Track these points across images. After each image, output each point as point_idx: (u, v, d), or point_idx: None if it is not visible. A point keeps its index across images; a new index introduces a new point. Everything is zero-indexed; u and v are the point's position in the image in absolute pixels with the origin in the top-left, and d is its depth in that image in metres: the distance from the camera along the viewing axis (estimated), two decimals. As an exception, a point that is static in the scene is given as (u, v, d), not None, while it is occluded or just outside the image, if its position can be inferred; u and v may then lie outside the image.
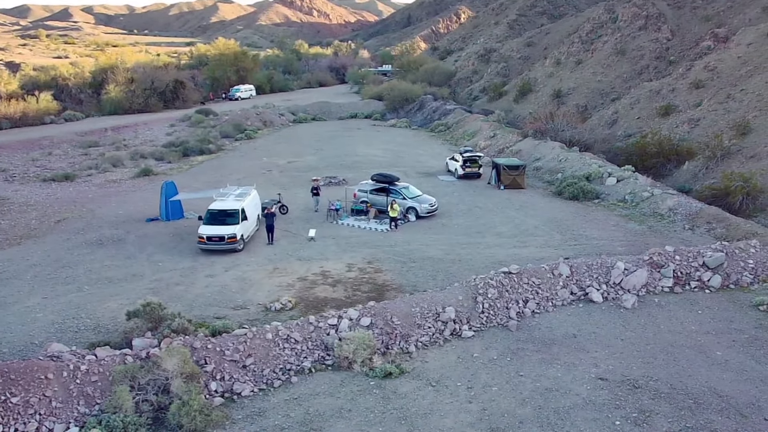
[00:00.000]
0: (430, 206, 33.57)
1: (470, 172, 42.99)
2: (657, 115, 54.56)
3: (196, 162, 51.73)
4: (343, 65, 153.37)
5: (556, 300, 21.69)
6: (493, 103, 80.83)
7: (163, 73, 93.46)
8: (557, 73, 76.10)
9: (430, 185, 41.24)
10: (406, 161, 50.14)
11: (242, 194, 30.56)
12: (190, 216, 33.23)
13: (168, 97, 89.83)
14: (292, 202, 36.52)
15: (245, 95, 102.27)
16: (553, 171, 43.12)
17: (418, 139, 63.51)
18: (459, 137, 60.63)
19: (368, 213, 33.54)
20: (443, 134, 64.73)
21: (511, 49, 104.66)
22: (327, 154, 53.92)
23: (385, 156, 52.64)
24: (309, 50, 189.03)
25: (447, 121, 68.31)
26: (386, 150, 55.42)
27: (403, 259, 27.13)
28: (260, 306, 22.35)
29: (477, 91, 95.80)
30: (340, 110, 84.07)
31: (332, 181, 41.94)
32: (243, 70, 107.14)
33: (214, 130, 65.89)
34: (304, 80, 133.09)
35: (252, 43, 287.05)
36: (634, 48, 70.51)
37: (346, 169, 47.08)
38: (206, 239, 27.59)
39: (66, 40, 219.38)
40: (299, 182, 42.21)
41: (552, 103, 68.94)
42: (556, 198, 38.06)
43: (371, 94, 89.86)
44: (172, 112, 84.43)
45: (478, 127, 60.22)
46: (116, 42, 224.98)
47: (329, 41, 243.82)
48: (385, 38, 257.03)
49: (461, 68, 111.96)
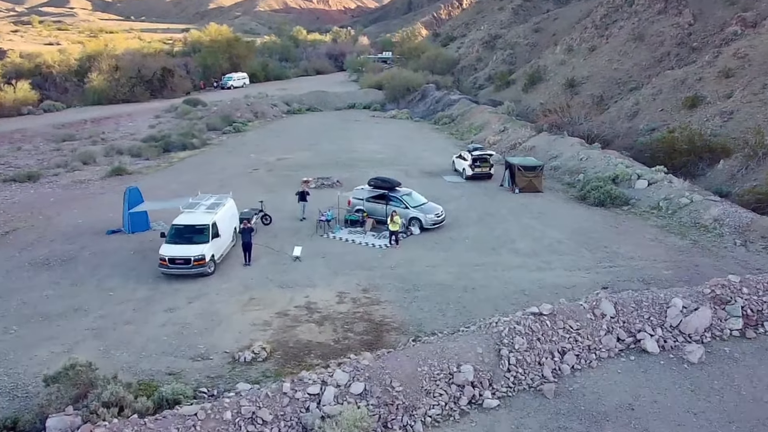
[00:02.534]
0: (437, 216, 28.86)
1: (480, 173, 38.27)
2: (683, 107, 49.70)
3: (176, 159, 46.98)
4: (341, 52, 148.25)
5: (600, 350, 17.11)
6: (500, 93, 75.86)
7: (150, 60, 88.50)
8: (569, 60, 71.08)
9: (435, 187, 36.58)
10: (407, 158, 45.43)
11: (215, 205, 25.75)
12: (157, 227, 28.55)
13: (155, 86, 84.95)
14: (279, 209, 31.87)
15: (238, 84, 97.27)
16: (573, 171, 38.39)
17: (421, 132, 58.72)
18: (465, 130, 55.82)
19: (365, 224, 28.88)
20: (448, 127, 59.90)
21: (517, 35, 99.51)
22: (321, 149, 49.17)
23: (385, 152, 47.92)
24: (307, 37, 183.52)
25: (451, 112, 63.49)
26: (386, 145, 50.69)
27: (405, 286, 22.53)
28: (227, 355, 17.80)
29: (482, 80, 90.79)
30: (337, 100, 79.20)
31: (325, 183, 37.23)
32: (236, 57, 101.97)
33: (201, 123, 61.15)
34: (301, 68, 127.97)
35: (250, 29, 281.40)
36: (653, 33, 65.45)
37: (341, 167, 42.40)
38: (168, 261, 22.94)
39: (59, 26, 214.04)
40: (289, 183, 37.54)
41: (564, 93, 64.04)
42: (579, 204, 33.38)
43: (370, 83, 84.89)
44: (159, 102, 79.63)
45: (485, 119, 55.39)
46: (111, 28, 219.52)
47: (328, 28, 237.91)
48: (385, 25, 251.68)
49: (465, 56, 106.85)
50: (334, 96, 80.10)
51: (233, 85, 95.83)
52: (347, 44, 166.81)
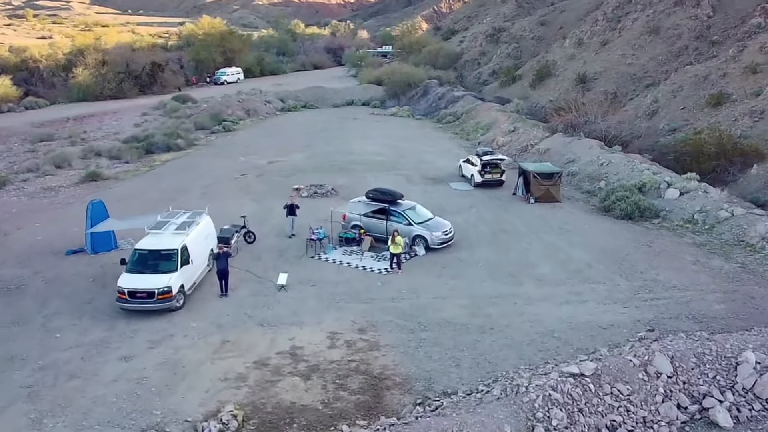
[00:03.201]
0: (444, 234, 25.16)
1: (491, 180, 34.54)
2: (706, 105, 46.02)
3: (158, 162, 43.27)
4: (340, 46, 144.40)
5: (659, 423, 13.54)
6: (506, 89, 72.09)
7: (139, 54, 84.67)
8: (579, 54, 67.28)
9: (441, 196, 32.93)
10: (409, 161, 41.74)
11: (187, 224, 21.94)
12: (126, 246, 24.94)
13: (144, 81, 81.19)
14: (265, 224, 28.24)
15: (232, 79, 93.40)
16: (593, 178, 34.68)
17: (423, 131, 54.99)
18: (470, 130, 52.05)
19: (362, 243, 25.24)
20: (452, 126, 56.14)
21: (522, 28, 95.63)
22: (316, 151, 45.47)
23: (385, 154, 44.22)
24: (305, 31, 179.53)
25: (455, 110, 59.72)
26: (386, 146, 46.97)
27: (409, 324, 18.93)
28: (188, 425, 14.22)
29: (486, 75, 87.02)
30: (335, 96, 75.41)
31: (318, 192, 33.51)
32: (230, 51, 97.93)
33: (189, 121, 57.43)
34: (298, 63, 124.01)
35: (248, 23, 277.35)
36: (669, 26, 61.66)
37: (337, 172, 38.73)
38: (128, 295, 19.28)
39: (54, 20, 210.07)
40: (279, 191, 33.89)
41: (575, 89, 60.27)
42: (603, 216, 29.72)
43: (370, 78, 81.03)
44: (148, 99, 75.86)
45: (493, 118, 51.61)
46: (106, 22, 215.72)
47: (327, 21, 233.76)
48: (385, 18, 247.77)
49: (467, 50, 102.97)
50: (331, 92, 76.33)
51: (227, 81, 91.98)
52: (346, 38, 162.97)
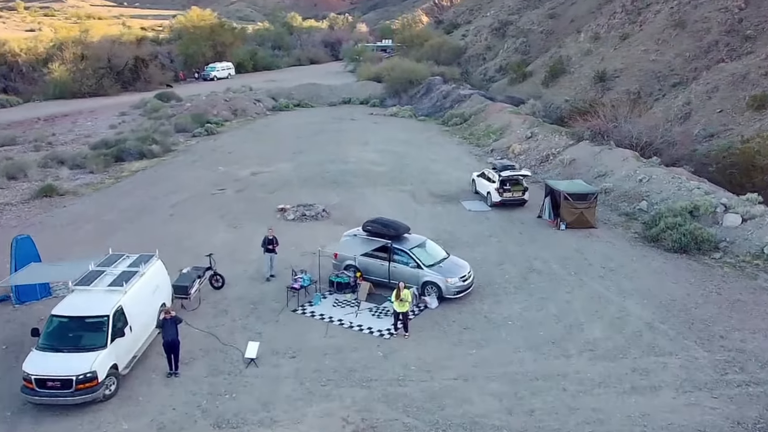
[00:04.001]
0: (463, 281, 19.76)
1: (511, 199, 29.30)
2: (748, 107, 40.87)
3: (127, 173, 37.90)
4: (338, 40, 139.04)
5: None
6: (516, 87, 66.72)
7: (122, 49, 79.20)
8: (596, 50, 61.93)
9: (453, 220, 27.70)
10: (413, 173, 36.45)
11: (127, 275, 16.63)
12: (61, 292, 19.68)
13: (127, 77, 75.80)
14: (240, 260, 22.96)
15: (222, 74, 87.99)
16: (632, 197, 29.38)
17: (428, 134, 49.61)
18: (481, 134, 46.70)
19: (357, 289, 19.97)
20: (459, 129, 50.71)
21: (530, 21, 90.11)
22: (307, 159, 40.15)
23: (385, 163, 38.92)
24: (302, 24, 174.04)
25: (462, 110, 54.33)
26: (386, 153, 41.68)
27: (423, 426, 13.71)
28: None
29: (492, 71, 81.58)
30: (331, 94, 70.04)
31: (307, 214, 28.19)
32: (221, 45, 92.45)
33: (169, 123, 52.08)
34: (294, 57, 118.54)
35: (245, 16, 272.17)
36: (697, 19, 56.29)
37: (330, 186, 33.46)
38: (36, 384, 14.02)
39: (46, 12, 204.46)
40: (261, 212, 28.67)
41: (594, 88, 55.02)
42: (650, 248, 24.46)
43: (368, 74, 75.54)
44: (130, 96, 70.57)
45: (505, 121, 46.21)
46: (99, 14, 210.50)
47: (325, 14, 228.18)
48: (384, 12, 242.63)
49: (472, 44, 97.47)
50: (327, 89, 70.91)
51: (216, 76, 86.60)
52: (344, 31, 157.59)
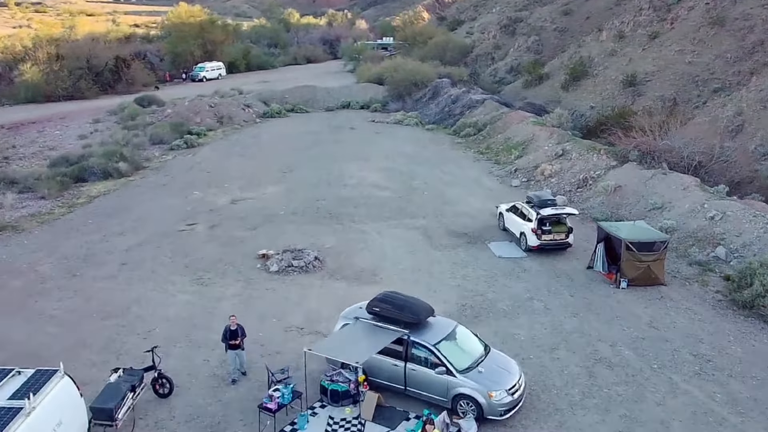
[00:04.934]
0: (511, 393, 13.76)
1: (552, 243, 23.37)
2: (814, 119, 35.07)
3: (83, 199, 31.78)
4: (337, 37, 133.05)
5: None
6: (532, 90, 60.73)
7: (102, 48, 73.14)
8: (622, 50, 55.84)
9: (481, 274, 21.69)
10: (425, 200, 30.43)
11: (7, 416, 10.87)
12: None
13: (107, 79, 69.76)
14: (199, 344, 16.96)
15: (212, 75, 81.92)
16: (703, 239, 23.35)
17: (438, 147, 43.57)
18: (500, 149, 40.61)
19: (360, 400, 14.06)
20: (474, 141, 44.60)
21: (542, 18, 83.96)
22: (299, 180, 34.15)
23: (390, 185, 32.92)
24: (300, 20, 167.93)
25: (476, 119, 48.23)
26: (392, 172, 35.69)
27: None
28: None
29: (503, 71, 75.48)
30: (328, 97, 64.02)
31: (294, 263, 22.07)
32: (210, 43, 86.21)
33: (144, 133, 46.05)
34: (290, 55, 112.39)
35: (241, 12, 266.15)
36: (738, 16, 50.23)
37: (324, 220, 27.47)
38: None
39: (37, 8, 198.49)
40: (236, 261, 22.72)
41: (623, 93, 49.04)
42: (744, 317, 18.49)
43: (369, 76, 69.48)
44: (110, 99, 64.58)
45: (528, 133, 40.11)
46: (92, 10, 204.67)
47: (324, 11, 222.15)
48: (384, 8, 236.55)
49: (479, 42, 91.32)
50: (324, 92, 64.88)
51: (206, 77, 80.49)
52: (343, 28, 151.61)
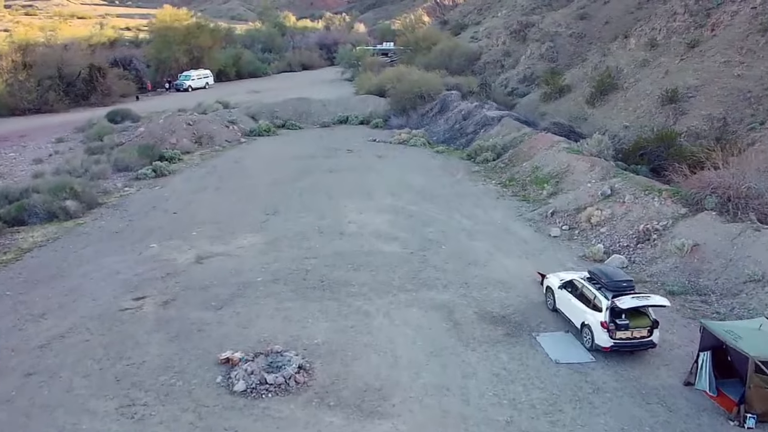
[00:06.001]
0: None
1: (631, 344, 16.87)
2: None
3: (12, 253, 25.08)
4: (335, 41, 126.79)
5: None
6: (551, 104, 54.28)
7: (79, 54, 66.67)
8: (656, 60, 49.36)
9: (537, 395, 15.04)
10: (445, 259, 23.76)
11: None
12: None
13: (80, 90, 63.27)
14: None
15: (198, 84, 75.50)
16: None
17: (453, 178, 36.78)
18: (527, 180, 33.92)
19: None
20: (494, 169, 37.77)
21: (556, 23, 77.56)
22: (284, 227, 27.51)
23: (401, 236, 26.25)
24: (296, 24, 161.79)
25: (494, 141, 41.61)
26: (399, 213, 29.11)
27: None
28: None
29: (515, 81, 69.08)
30: (323, 111, 57.59)
31: (268, 380, 15.41)
32: (197, 49, 79.63)
33: (107, 159, 39.47)
34: (284, 61, 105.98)
35: (237, 15, 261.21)
36: (792, 22, 43.99)
37: (314, 294, 20.83)
38: None
39: (28, 11, 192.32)
40: (188, 368, 16.16)
41: (661, 110, 42.60)
42: None
43: (369, 86, 63.05)
44: (83, 112, 58.27)
45: (561, 163, 33.40)
46: (84, 13, 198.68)
47: (321, 14, 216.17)
48: (384, 11, 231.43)
49: (487, 48, 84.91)
50: (319, 105, 58.41)
51: (191, 86, 74.07)
52: (341, 32, 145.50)
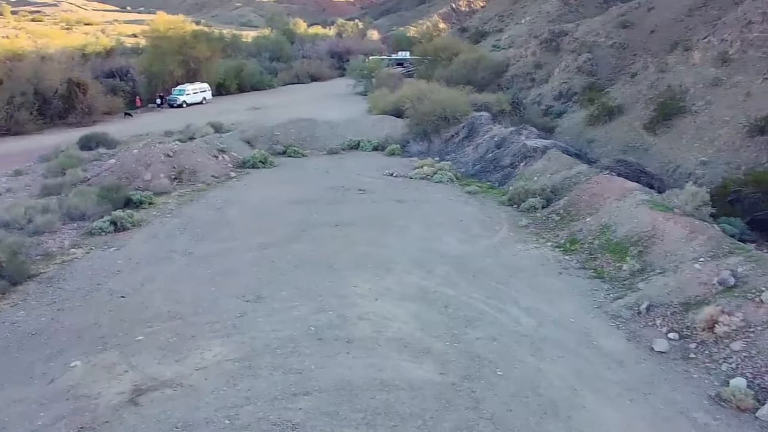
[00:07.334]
0: None
1: None
2: None
3: None
4: (347, 49, 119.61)
5: None
6: (600, 129, 46.08)
7: (53, 69, 59.34)
8: (730, 79, 40.98)
9: None
10: (504, 398, 15.56)
11: None
12: None
13: (56, 108, 55.92)
14: None
15: (194, 99, 68.03)
16: None
17: (495, 236, 28.41)
18: (595, 245, 25.67)
19: None
20: (546, 223, 29.36)
21: (593, 32, 69.32)
22: (266, 325, 19.31)
23: (432, 346, 17.92)
24: (307, 31, 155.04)
25: (541, 181, 33.46)
26: (430, 304, 20.78)
27: None
28: None
29: (549, 98, 60.91)
30: (331, 134, 49.85)
31: None
32: (194, 60, 72.18)
33: (60, 204, 31.71)
34: (291, 73, 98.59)
35: (246, 21, 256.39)
36: None
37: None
38: None
39: (35, 17, 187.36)
40: None
41: (749, 142, 34.37)
42: None
43: (385, 105, 55.23)
44: (57, 134, 50.90)
45: (644, 225, 24.94)
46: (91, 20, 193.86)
47: (333, 20, 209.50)
48: (398, 17, 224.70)
49: (515, 59, 76.79)
50: (327, 127, 50.65)
51: (186, 102, 66.60)
52: (353, 40, 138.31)
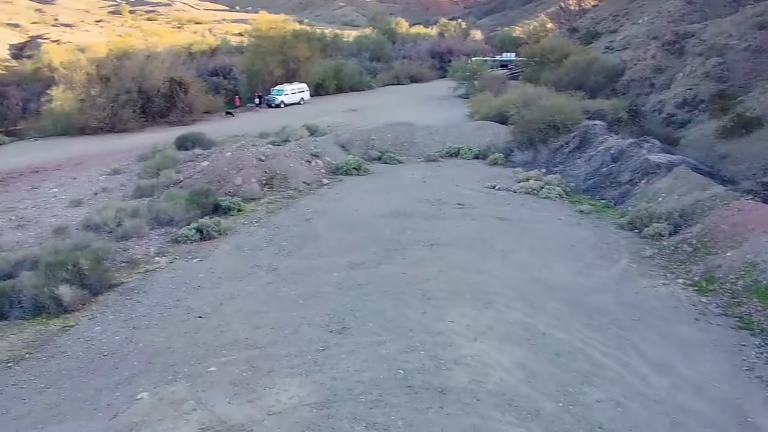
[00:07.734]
0: None
1: None
2: None
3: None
4: (448, 49, 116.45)
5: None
6: (734, 143, 40.66)
7: (159, 67, 60.22)
8: None
9: None
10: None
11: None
12: None
13: (159, 106, 56.62)
14: None
15: (292, 99, 67.43)
16: None
17: (614, 268, 24.45)
18: (739, 287, 21.14)
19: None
20: (675, 256, 25.03)
21: (724, 33, 62.55)
22: (349, 364, 16.66)
23: (545, 405, 14.62)
24: (409, 30, 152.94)
25: (666, 201, 29.21)
26: (539, 352, 17.22)
27: None
28: None
29: (671, 106, 55.29)
30: (429, 140, 47.15)
31: None
32: (294, 60, 71.67)
33: (149, 208, 30.94)
34: (392, 73, 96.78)
35: (349, 21, 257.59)
36: None
37: None
38: None
39: (150, 16, 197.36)
40: None
41: None
42: None
43: (487, 110, 51.91)
44: (158, 132, 51.36)
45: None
46: (200, 18, 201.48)
47: (435, 20, 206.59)
48: (502, 17, 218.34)
49: (632, 62, 70.98)
50: (425, 133, 47.99)
51: (284, 102, 66.07)
52: (456, 40, 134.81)
